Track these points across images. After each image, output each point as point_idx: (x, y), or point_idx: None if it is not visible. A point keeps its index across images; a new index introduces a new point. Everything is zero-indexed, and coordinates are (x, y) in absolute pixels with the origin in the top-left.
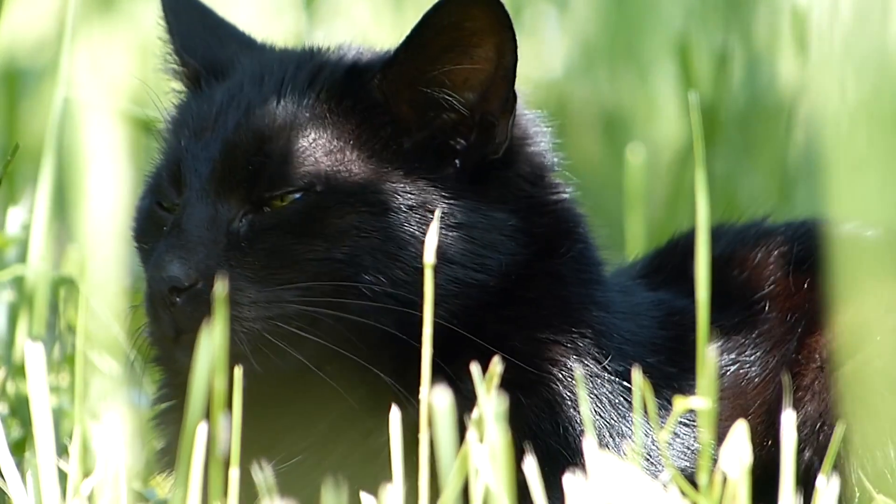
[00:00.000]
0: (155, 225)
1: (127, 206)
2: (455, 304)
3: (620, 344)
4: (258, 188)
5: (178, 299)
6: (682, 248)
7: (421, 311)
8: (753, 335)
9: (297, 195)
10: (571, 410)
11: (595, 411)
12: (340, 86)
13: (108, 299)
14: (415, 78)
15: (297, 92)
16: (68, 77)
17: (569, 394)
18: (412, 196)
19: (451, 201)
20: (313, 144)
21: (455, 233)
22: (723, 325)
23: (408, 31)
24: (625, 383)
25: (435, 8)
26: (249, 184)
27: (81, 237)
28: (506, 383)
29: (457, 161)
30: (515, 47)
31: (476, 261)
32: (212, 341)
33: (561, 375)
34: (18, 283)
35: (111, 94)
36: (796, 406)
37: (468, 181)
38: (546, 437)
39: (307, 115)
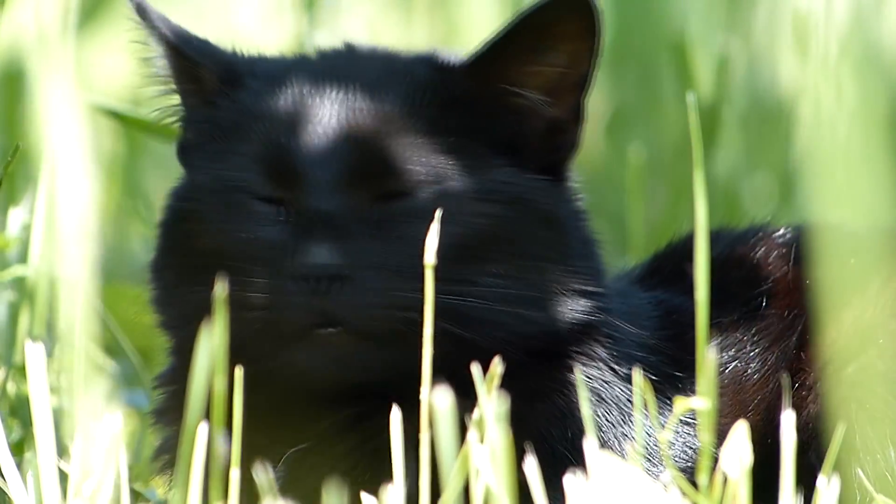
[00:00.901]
0: (251, 216)
1: (99, 203)
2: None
3: (626, 347)
4: (386, 184)
5: (328, 287)
6: (680, 251)
7: (536, 310)
8: (752, 332)
9: (420, 186)
10: (580, 414)
11: (604, 416)
12: (429, 81)
13: (84, 297)
14: (501, 75)
15: (388, 88)
16: (54, 77)
17: (576, 399)
18: (514, 190)
19: (549, 198)
20: (425, 139)
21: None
22: (721, 322)
23: (413, 32)
24: (632, 387)
25: (538, 7)
26: (376, 179)
27: (54, 235)
28: (520, 387)
29: (531, 162)
30: (598, 54)
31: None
32: (212, 340)
33: (572, 379)
34: (19, 283)
35: (99, 93)
36: (798, 406)
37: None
38: (554, 441)
39: (408, 111)
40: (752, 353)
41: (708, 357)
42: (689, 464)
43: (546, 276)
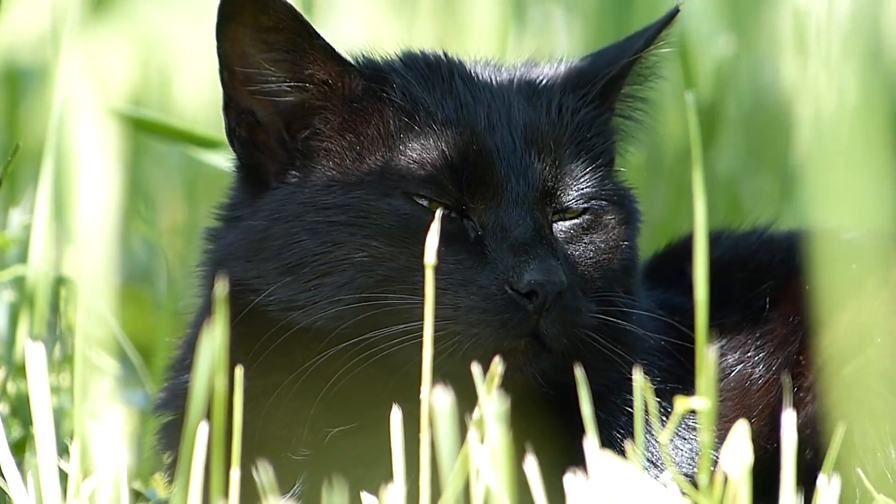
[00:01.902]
0: (423, 232)
1: (117, 204)
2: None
3: (648, 351)
4: (562, 201)
5: (552, 304)
6: (680, 250)
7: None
8: (756, 335)
9: (586, 206)
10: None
11: (646, 428)
12: (571, 101)
13: (102, 298)
14: (619, 98)
15: (544, 106)
16: (66, 77)
17: (625, 409)
18: (634, 208)
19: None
20: (578, 158)
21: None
22: (725, 324)
23: (414, 33)
24: (662, 402)
25: (656, 36)
26: (556, 197)
27: (73, 236)
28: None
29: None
30: None
31: None
32: (213, 340)
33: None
34: (19, 283)
35: (105, 93)
36: (797, 407)
37: None
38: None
39: (565, 130)
40: (756, 358)
41: (708, 357)
42: (696, 469)
43: (637, 291)
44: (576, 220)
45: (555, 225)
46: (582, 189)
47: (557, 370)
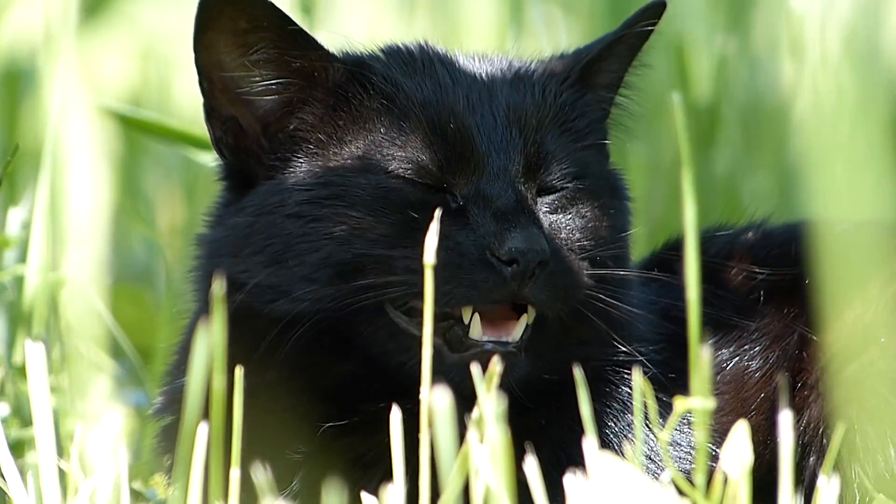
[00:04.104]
0: (402, 202)
1: (109, 203)
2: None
3: (644, 346)
4: (546, 177)
5: (535, 272)
6: (680, 249)
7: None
8: (752, 328)
9: (570, 185)
10: (622, 413)
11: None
12: (553, 83)
13: (95, 297)
14: (604, 79)
15: (527, 88)
16: (62, 78)
17: (618, 403)
18: (620, 185)
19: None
20: (562, 137)
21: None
22: (721, 319)
23: (413, 32)
24: (659, 395)
25: (645, 15)
26: (539, 172)
27: (65, 235)
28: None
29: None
30: None
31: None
32: (210, 339)
33: (614, 381)
34: (19, 283)
35: (102, 93)
36: (800, 406)
37: None
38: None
39: (547, 110)
40: (753, 351)
41: (702, 355)
42: (694, 465)
43: (629, 264)
44: (560, 195)
45: (541, 198)
46: (565, 168)
47: (547, 350)
